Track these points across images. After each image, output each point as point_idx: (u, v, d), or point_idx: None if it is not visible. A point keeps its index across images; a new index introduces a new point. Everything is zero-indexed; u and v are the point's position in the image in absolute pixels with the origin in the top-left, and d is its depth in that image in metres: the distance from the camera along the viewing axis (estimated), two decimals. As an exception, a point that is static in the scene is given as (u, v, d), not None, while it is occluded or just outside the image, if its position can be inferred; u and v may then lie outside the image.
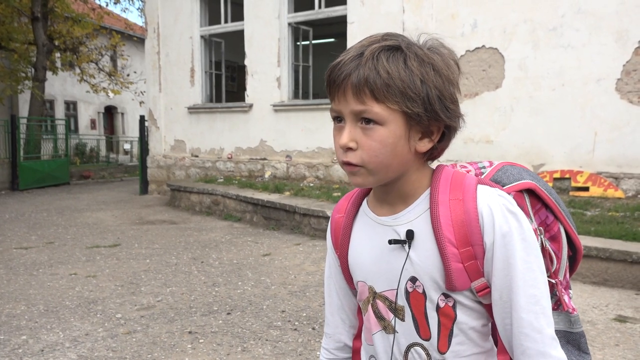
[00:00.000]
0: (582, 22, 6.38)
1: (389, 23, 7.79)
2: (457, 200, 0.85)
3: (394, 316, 0.92)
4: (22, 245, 6.05)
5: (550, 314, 0.83)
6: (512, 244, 0.82)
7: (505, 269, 0.83)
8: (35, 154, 13.85)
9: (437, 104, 0.82)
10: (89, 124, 22.62)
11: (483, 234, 0.84)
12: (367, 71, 0.80)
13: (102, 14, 17.02)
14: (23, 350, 3.07)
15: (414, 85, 0.80)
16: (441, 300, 0.88)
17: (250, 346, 3.10)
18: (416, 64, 0.81)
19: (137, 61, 20.94)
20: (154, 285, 4.39)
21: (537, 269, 0.83)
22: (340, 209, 1.02)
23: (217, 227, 7.11)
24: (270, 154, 9.40)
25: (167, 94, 10.83)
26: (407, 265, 0.88)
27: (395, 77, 0.79)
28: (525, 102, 6.83)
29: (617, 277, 4.11)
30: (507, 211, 0.84)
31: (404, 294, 0.90)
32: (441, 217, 0.85)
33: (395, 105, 0.80)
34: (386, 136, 0.82)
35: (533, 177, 0.94)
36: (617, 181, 6.26)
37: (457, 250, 0.84)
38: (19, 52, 14.96)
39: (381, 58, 0.80)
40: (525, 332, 0.82)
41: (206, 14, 10.47)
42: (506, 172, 0.95)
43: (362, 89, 0.80)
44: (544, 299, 0.83)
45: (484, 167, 0.98)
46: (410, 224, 0.88)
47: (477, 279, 0.86)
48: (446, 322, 0.88)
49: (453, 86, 0.85)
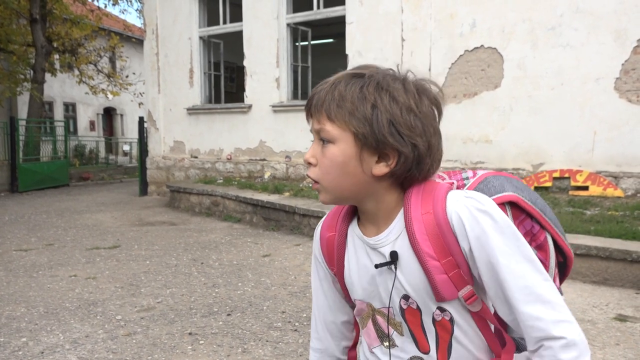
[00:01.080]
0: (581, 21, 6.38)
1: (387, 23, 7.80)
2: (428, 214, 0.86)
3: (394, 331, 0.94)
4: (22, 247, 6.04)
5: (551, 298, 0.81)
6: (489, 243, 0.82)
7: (491, 269, 0.83)
8: (34, 155, 13.84)
9: (386, 127, 0.83)
10: (88, 126, 22.61)
11: (458, 241, 0.85)
12: (324, 94, 0.87)
13: (101, 15, 17.02)
14: (23, 353, 3.06)
15: (363, 108, 0.84)
16: (437, 314, 0.89)
17: (250, 347, 3.10)
18: (372, 89, 0.85)
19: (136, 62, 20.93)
20: (154, 286, 4.39)
21: (524, 260, 0.82)
22: (330, 226, 1.01)
23: (217, 228, 7.11)
24: (269, 155, 9.40)
25: (166, 95, 10.82)
26: (397, 285, 0.90)
27: (347, 99, 0.85)
28: (524, 102, 6.84)
29: (617, 276, 4.11)
30: (477, 210, 0.84)
31: (399, 311, 0.92)
32: (416, 233, 0.86)
33: (343, 124, 0.85)
34: (336, 154, 0.86)
35: (516, 188, 0.94)
36: (616, 180, 6.26)
37: (439, 262, 0.85)
38: (18, 54, 14.96)
39: (341, 84, 0.87)
40: (530, 325, 0.81)
41: (205, 15, 10.46)
42: (487, 185, 0.95)
43: (320, 109, 0.87)
44: (538, 285, 0.81)
45: (467, 177, 0.98)
46: (392, 245, 0.90)
47: (463, 287, 0.87)
48: (444, 335, 0.89)
49: (414, 115, 0.85)
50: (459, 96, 7.28)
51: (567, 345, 0.79)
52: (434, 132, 0.87)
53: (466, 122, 7.20)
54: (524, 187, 0.96)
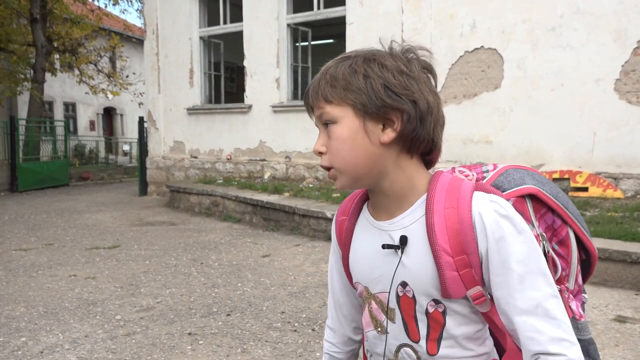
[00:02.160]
0: (581, 22, 6.38)
1: (387, 24, 7.80)
2: (452, 209, 0.85)
3: (385, 317, 0.94)
4: (22, 246, 6.04)
5: (558, 315, 0.81)
6: (506, 249, 0.82)
7: (503, 274, 0.83)
8: (34, 155, 13.84)
9: (382, 91, 0.85)
10: (88, 125, 22.61)
11: (477, 242, 0.84)
12: (318, 81, 0.90)
13: (101, 15, 17.03)
14: (22, 352, 3.06)
15: (355, 80, 0.86)
16: (430, 305, 0.89)
17: (250, 347, 3.10)
18: (360, 63, 0.87)
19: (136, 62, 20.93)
20: (153, 286, 4.39)
21: (538, 271, 0.82)
22: (344, 210, 1.04)
23: (217, 228, 7.11)
24: (269, 155, 9.40)
25: (166, 95, 10.83)
26: (399, 270, 0.90)
27: (339, 77, 0.87)
28: (524, 102, 6.84)
29: (616, 277, 4.11)
30: (500, 216, 0.83)
31: (394, 297, 0.92)
32: (436, 226, 0.85)
33: (341, 101, 0.87)
34: (341, 131, 0.87)
35: (537, 181, 0.94)
36: (616, 181, 6.26)
37: (452, 258, 0.85)
38: (18, 54, 14.96)
39: (330, 68, 0.89)
40: (528, 336, 0.81)
41: (205, 15, 10.47)
42: (508, 177, 0.95)
43: (317, 96, 0.89)
44: (547, 301, 0.81)
45: (488, 171, 0.98)
46: (404, 230, 0.90)
47: (473, 287, 0.86)
48: (435, 326, 0.90)
49: (407, 75, 0.86)
50: (459, 97, 7.28)
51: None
52: (430, 91, 0.88)
53: (466, 123, 7.20)
54: (546, 181, 0.96)
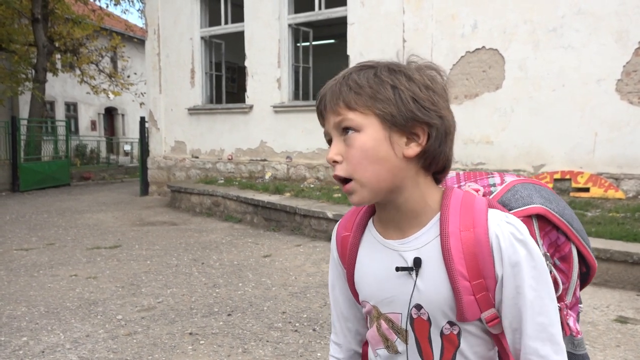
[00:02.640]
0: (582, 22, 6.38)
1: (388, 24, 7.80)
2: (468, 232, 0.84)
3: (397, 337, 0.93)
4: (23, 246, 6.05)
5: (559, 340, 0.84)
6: (521, 274, 0.83)
7: (515, 298, 0.83)
8: (35, 155, 13.85)
9: (411, 104, 0.83)
10: (90, 125, 22.63)
11: (494, 265, 0.84)
12: (340, 86, 0.86)
13: (103, 15, 17.04)
14: (24, 352, 3.07)
15: (383, 90, 0.83)
16: (446, 328, 0.88)
17: (251, 347, 3.10)
18: (386, 73, 0.85)
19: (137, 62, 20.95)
20: (154, 286, 4.39)
21: (546, 296, 0.84)
22: (346, 226, 1.01)
23: (218, 229, 7.11)
24: (270, 155, 9.41)
25: (168, 95, 10.83)
26: (414, 293, 0.88)
27: (364, 85, 0.84)
28: (525, 103, 6.83)
29: (618, 278, 4.10)
30: (515, 240, 0.83)
31: (408, 320, 0.90)
32: (452, 250, 0.84)
33: (367, 109, 0.83)
34: (364, 141, 0.83)
35: (545, 199, 0.93)
36: (617, 182, 6.25)
37: (469, 283, 0.84)
38: (20, 54, 14.97)
39: (353, 74, 0.86)
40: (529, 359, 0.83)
41: (206, 15, 10.47)
42: (515, 194, 0.94)
43: (337, 102, 0.85)
44: (552, 326, 0.83)
45: (495, 185, 0.96)
46: (417, 251, 0.88)
47: (488, 310, 0.86)
48: (449, 347, 0.89)
49: (432, 91, 0.85)
50: (460, 97, 7.28)
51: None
52: (449, 109, 0.88)
53: (467, 123, 7.20)
54: (552, 197, 0.95)
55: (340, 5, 8.51)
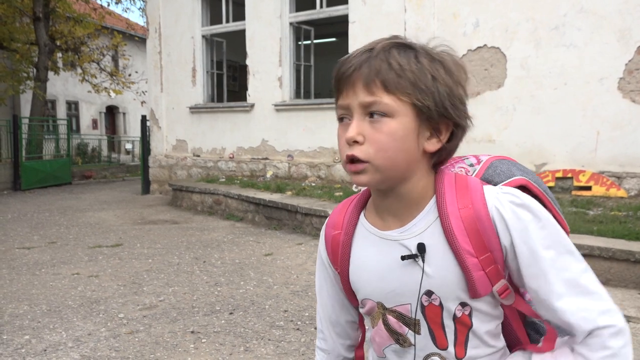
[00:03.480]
0: (584, 21, 6.36)
1: (390, 22, 7.79)
2: (467, 209, 0.83)
3: (408, 330, 0.90)
4: (25, 245, 6.06)
5: (595, 289, 0.81)
6: (531, 238, 0.81)
7: (534, 265, 0.81)
8: (37, 154, 13.87)
9: (447, 100, 0.81)
10: (91, 124, 22.63)
11: (499, 237, 0.83)
12: (379, 62, 0.79)
13: (104, 14, 17.06)
14: (26, 350, 3.07)
15: (425, 79, 0.80)
16: (458, 310, 0.86)
17: (252, 346, 3.11)
18: (427, 60, 0.81)
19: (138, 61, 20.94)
20: (156, 285, 4.40)
21: (565, 251, 0.82)
22: (335, 224, 0.97)
23: (219, 227, 7.11)
24: (272, 154, 9.40)
25: (169, 94, 10.84)
26: (423, 280, 0.86)
27: (407, 69, 0.79)
28: (527, 101, 6.82)
29: (620, 276, 4.10)
30: (516, 206, 0.83)
31: (419, 309, 0.88)
32: (455, 229, 0.83)
33: (406, 97, 0.80)
34: (396, 129, 0.80)
35: (523, 172, 0.94)
36: (619, 180, 6.24)
37: (477, 258, 0.83)
38: (21, 52, 14.98)
39: (393, 52, 0.80)
40: (580, 316, 0.79)
41: (207, 14, 10.47)
42: (496, 170, 0.93)
43: (373, 80, 0.79)
44: (581, 277, 0.81)
45: (472, 165, 0.96)
46: (419, 237, 0.86)
47: (498, 282, 0.85)
48: (463, 329, 0.87)
49: (463, 89, 0.85)
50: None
51: (617, 333, 0.79)
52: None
53: (469, 122, 7.19)
54: (528, 170, 0.96)
55: (342, 4, 8.50)
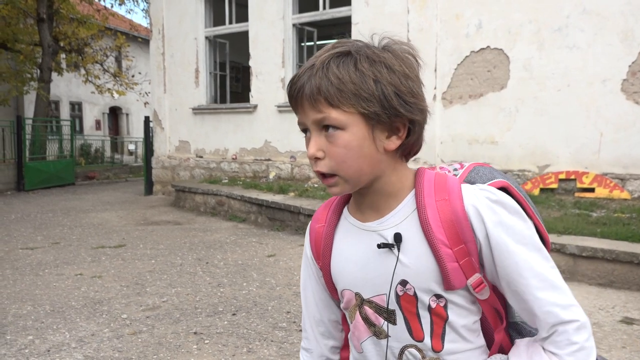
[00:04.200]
0: (587, 22, 6.35)
1: (393, 24, 7.78)
2: (444, 201, 0.86)
3: (384, 321, 0.92)
4: (28, 245, 6.07)
5: (560, 282, 0.84)
6: (505, 232, 0.84)
7: (507, 258, 0.84)
8: (40, 154, 13.91)
9: (395, 100, 0.82)
10: (94, 125, 22.69)
11: (474, 229, 0.85)
12: (318, 80, 0.81)
13: (107, 15, 17.09)
14: (29, 351, 3.08)
15: (366, 86, 0.81)
16: (432, 301, 0.88)
17: (255, 347, 3.11)
18: (367, 65, 0.81)
19: (141, 62, 21.00)
20: (159, 285, 4.40)
21: (534, 248, 0.85)
22: (319, 218, 1.01)
23: (222, 228, 7.12)
24: (274, 155, 9.41)
25: (172, 95, 10.86)
26: (398, 269, 0.88)
27: (347, 81, 0.80)
28: (530, 103, 6.81)
29: (623, 278, 4.09)
30: (492, 202, 0.85)
31: (394, 298, 0.90)
32: (430, 220, 0.85)
33: (351, 108, 0.81)
34: (349, 140, 0.82)
35: (503, 176, 0.96)
36: (623, 182, 6.23)
37: (451, 250, 0.85)
38: (25, 53, 15.04)
39: (331, 65, 0.82)
40: (546, 310, 0.83)
41: (211, 15, 10.49)
42: (478, 173, 0.96)
43: (317, 98, 0.82)
44: (548, 272, 0.84)
45: (456, 169, 0.99)
46: (396, 227, 0.89)
47: (472, 275, 0.87)
48: (438, 321, 0.89)
49: (412, 80, 0.84)
50: (464, 97, 7.26)
51: (580, 327, 0.83)
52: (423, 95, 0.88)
53: (472, 123, 7.19)
54: (508, 177, 0.98)
55: (345, 5, 8.50)
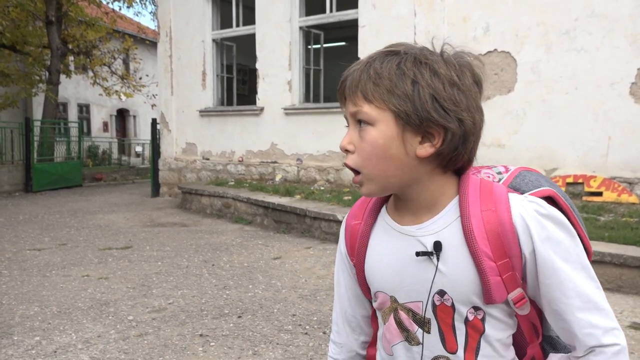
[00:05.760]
0: (596, 25, 6.32)
1: (400, 26, 7.78)
2: (490, 212, 0.82)
3: (418, 328, 0.89)
4: (36, 246, 6.11)
5: (604, 304, 0.83)
6: (552, 249, 0.81)
7: (552, 276, 0.81)
8: (48, 156, 14.00)
9: (429, 103, 0.79)
10: (102, 127, 22.82)
11: (520, 244, 0.82)
12: (360, 73, 0.82)
13: (115, 17, 17.19)
14: (36, 351, 3.09)
15: (402, 84, 0.79)
16: (470, 313, 0.85)
17: (261, 350, 3.11)
18: (410, 64, 0.80)
19: (149, 64, 21.10)
20: (165, 287, 4.41)
21: (581, 266, 0.83)
22: (356, 215, 0.98)
23: (228, 230, 7.13)
24: (281, 157, 9.42)
25: (179, 97, 10.90)
26: (437, 279, 0.85)
27: (384, 76, 0.80)
28: (538, 106, 6.78)
29: (631, 283, 4.06)
30: (541, 216, 0.82)
31: (430, 307, 0.87)
32: (475, 230, 0.82)
33: (382, 104, 0.80)
34: (376, 137, 0.81)
35: (550, 184, 0.92)
36: (631, 186, 6.18)
37: (495, 263, 0.82)
38: (34, 56, 15.15)
39: (375, 62, 0.82)
40: (586, 332, 0.81)
41: (218, 18, 10.52)
42: (524, 179, 0.93)
43: (354, 90, 0.82)
44: (593, 293, 0.82)
45: (500, 172, 0.95)
46: (436, 235, 0.85)
47: (514, 290, 0.84)
48: (474, 334, 0.86)
49: (458, 88, 0.81)
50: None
51: (618, 352, 0.81)
52: (477, 108, 0.84)
53: (479, 126, 7.15)
54: (555, 185, 0.95)
55: (352, 8, 8.51)
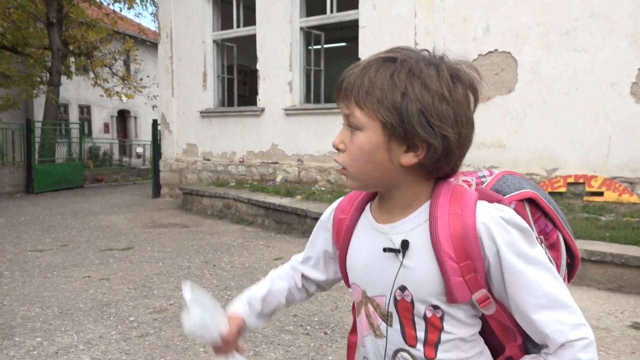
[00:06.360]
0: (596, 25, 6.32)
1: (400, 27, 7.79)
2: (456, 215, 0.86)
3: (382, 321, 0.94)
4: (37, 247, 6.12)
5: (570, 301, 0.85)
6: (516, 252, 0.84)
7: (517, 278, 0.84)
8: (49, 157, 14.02)
9: (416, 117, 0.81)
10: (103, 128, 22.84)
11: (483, 248, 0.85)
12: (354, 79, 0.86)
13: (116, 19, 17.21)
14: (38, 353, 3.10)
15: (392, 96, 0.82)
16: (428, 310, 0.89)
17: (262, 350, 3.11)
18: (403, 76, 0.82)
19: (150, 65, 21.11)
20: (166, 288, 4.42)
21: (544, 267, 0.85)
22: (344, 209, 1.04)
23: (229, 231, 7.13)
24: (281, 158, 9.43)
25: (180, 98, 10.91)
26: (400, 274, 0.90)
27: (377, 86, 0.83)
28: (538, 106, 6.78)
29: (632, 283, 4.05)
30: (505, 221, 0.85)
31: (393, 301, 0.92)
32: (440, 232, 0.86)
33: (372, 112, 0.84)
34: (364, 142, 0.85)
35: (533, 186, 0.96)
36: (632, 186, 6.18)
37: (457, 264, 0.85)
38: (35, 57, 15.17)
39: (371, 69, 0.85)
40: (554, 329, 0.83)
41: (218, 19, 10.53)
42: (507, 182, 0.96)
43: (348, 95, 0.86)
44: (558, 292, 0.85)
45: (484, 176, 0.99)
46: (405, 234, 0.90)
47: (477, 291, 0.87)
48: (433, 330, 0.90)
49: (447, 103, 0.82)
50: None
51: (587, 345, 0.83)
52: (466, 122, 0.86)
53: (479, 127, 6.97)
54: (539, 187, 0.98)
55: (352, 9, 8.51)
